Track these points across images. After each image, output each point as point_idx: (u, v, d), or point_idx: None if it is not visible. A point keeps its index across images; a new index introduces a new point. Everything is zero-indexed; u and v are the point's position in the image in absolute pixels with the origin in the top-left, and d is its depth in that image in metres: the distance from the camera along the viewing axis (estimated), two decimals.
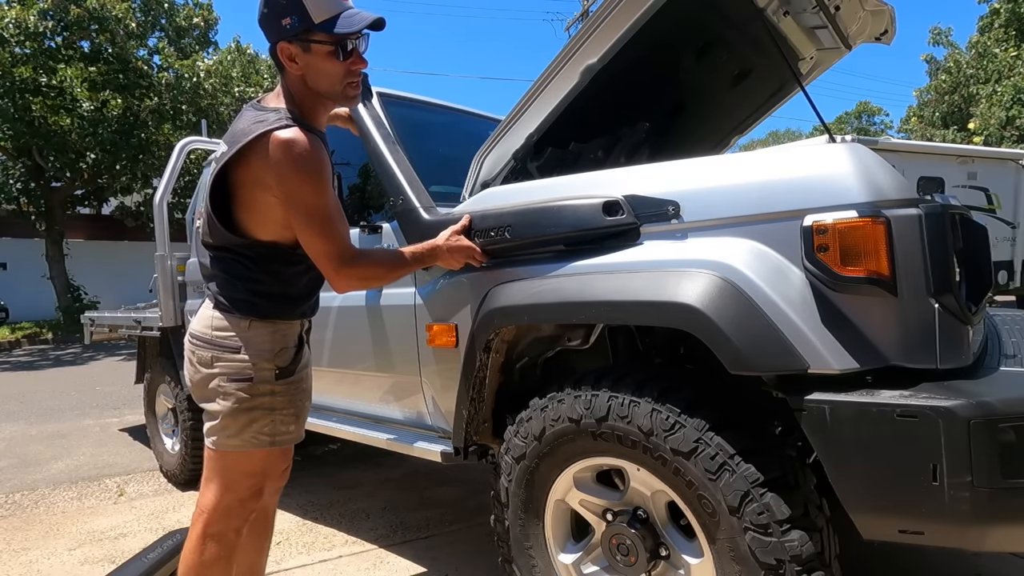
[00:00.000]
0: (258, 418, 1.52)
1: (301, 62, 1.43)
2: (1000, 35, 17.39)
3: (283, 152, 1.36)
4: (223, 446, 1.54)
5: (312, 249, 1.47)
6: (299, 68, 1.44)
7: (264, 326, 1.52)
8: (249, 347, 1.50)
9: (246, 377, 1.50)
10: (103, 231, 18.74)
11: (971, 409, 1.10)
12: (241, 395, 1.50)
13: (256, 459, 1.57)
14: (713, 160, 1.56)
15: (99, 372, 9.05)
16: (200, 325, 1.54)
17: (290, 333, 1.59)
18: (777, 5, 2.14)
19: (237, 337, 1.50)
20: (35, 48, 11.88)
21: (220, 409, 1.51)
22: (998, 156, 8.49)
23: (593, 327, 1.74)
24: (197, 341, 1.54)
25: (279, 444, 1.58)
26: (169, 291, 3.56)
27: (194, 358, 1.54)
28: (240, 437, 1.52)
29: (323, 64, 1.43)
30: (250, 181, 1.42)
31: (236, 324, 1.51)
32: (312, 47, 1.42)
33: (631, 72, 1.96)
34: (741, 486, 1.31)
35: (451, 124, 2.86)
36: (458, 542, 2.68)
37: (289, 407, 1.58)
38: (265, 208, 1.45)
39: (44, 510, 3.40)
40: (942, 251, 1.21)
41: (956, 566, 2.25)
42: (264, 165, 1.38)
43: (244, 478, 1.57)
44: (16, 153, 13.45)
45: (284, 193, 1.40)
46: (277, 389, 1.54)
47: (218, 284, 1.53)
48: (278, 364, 1.54)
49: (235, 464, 1.56)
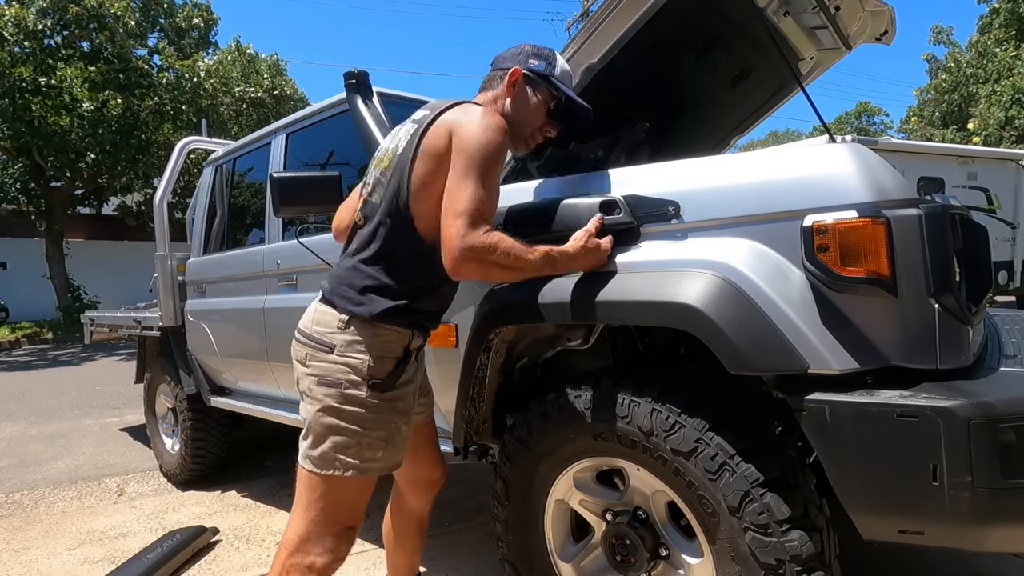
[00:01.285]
0: (341, 433, 1.35)
1: (518, 94, 1.55)
2: (1000, 35, 17.39)
3: (478, 117, 1.38)
4: (304, 459, 1.39)
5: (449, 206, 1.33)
6: (511, 95, 1.55)
7: (366, 328, 1.38)
8: (343, 348, 1.36)
9: (334, 382, 1.35)
10: (103, 231, 18.74)
11: (971, 409, 1.10)
12: (329, 403, 1.35)
13: (344, 489, 1.37)
14: (713, 160, 1.56)
15: (99, 372, 9.05)
16: (305, 319, 1.46)
17: (393, 343, 1.42)
18: (777, 5, 2.13)
19: (333, 335, 1.38)
20: (34, 47, 11.88)
21: (305, 415, 1.39)
22: (998, 156, 8.48)
23: (593, 327, 1.74)
24: (300, 336, 1.45)
25: (365, 473, 1.37)
26: (169, 291, 3.56)
27: (294, 355, 1.46)
28: (320, 456, 1.36)
29: (534, 107, 1.56)
30: (438, 140, 1.38)
31: (335, 320, 1.39)
32: (537, 92, 1.56)
33: (631, 72, 1.96)
34: (741, 486, 1.32)
35: None
36: (458, 542, 2.68)
37: (379, 428, 1.38)
38: (436, 176, 1.38)
39: (44, 510, 3.40)
40: (942, 251, 1.21)
41: (956, 566, 2.25)
42: (457, 121, 1.38)
43: (331, 512, 1.37)
44: (16, 153, 13.45)
45: (457, 147, 1.36)
46: (368, 404, 1.36)
47: (330, 277, 1.46)
48: (372, 375, 1.37)
49: (321, 494, 1.37)
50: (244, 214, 3.45)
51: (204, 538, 2.78)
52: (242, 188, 3.44)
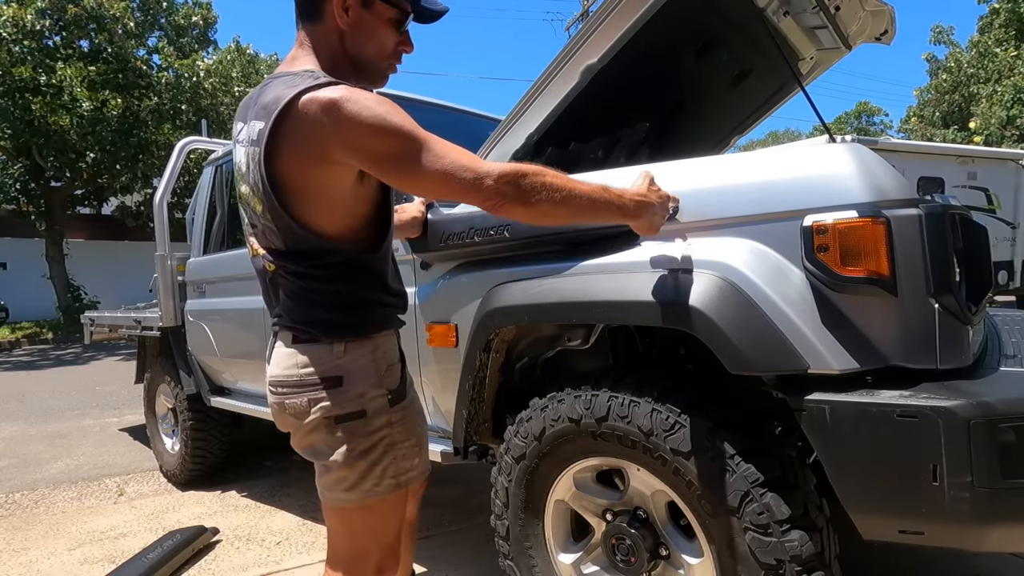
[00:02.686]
0: (378, 459, 1.23)
1: (353, 17, 1.19)
2: (1000, 35, 17.38)
3: (339, 110, 1.07)
4: (341, 501, 1.25)
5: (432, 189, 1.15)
6: (347, 23, 1.19)
7: (363, 345, 1.24)
8: (352, 376, 1.21)
9: (357, 413, 1.21)
10: (103, 231, 18.74)
11: (971, 409, 1.10)
12: (356, 436, 1.22)
13: (384, 510, 1.27)
14: (713, 160, 1.56)
15: (99, 372, 9.05)
16: (280, 369, 1.24)
17: (391, 347, 1.31)
18: (777, 5, 2.13)
19: (335, 368, 1.21)
20: (34, 47, 11.88)
21: (334, 460, 1.21)
22: (998, 156, 8.49)
23: (593, 327, 1.74)
24: (283, 388, 1.23)
25: (405, 484, 1.29)
26: (169, 291, 3.56)
27: (282, 411, 1.24)
28: (360, 488, 1.23)
29: (380, 28, 1.23)
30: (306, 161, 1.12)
31: (328, 353, 1.21)
32: (376, 5, 1.21)
33: (631, 72, 1.96)
34: (741, 486, 1.32)
35: (451, 124, 2.86)
36: (458, 542, 2.68)
37: (409, 437, 1.29)
38: (324, 189, 1.15)
39: (44, 510, 3.40)
40: (942, 251, 1.21)
41: (956, 566, 2.25)
42: (321, 135, 1.08)
43: (374, 537, 1.28)
44: (16, 153, 13.45)
45: (363, 157, 1.11)
46: (394, 418, 1.26)
47: (290, 312, 1.23)
48: (388, 387, 1.26)
49: (360, 522, 1.27)
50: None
51: (204, 538, 2.78)
52: None
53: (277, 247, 1.20)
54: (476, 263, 1.87)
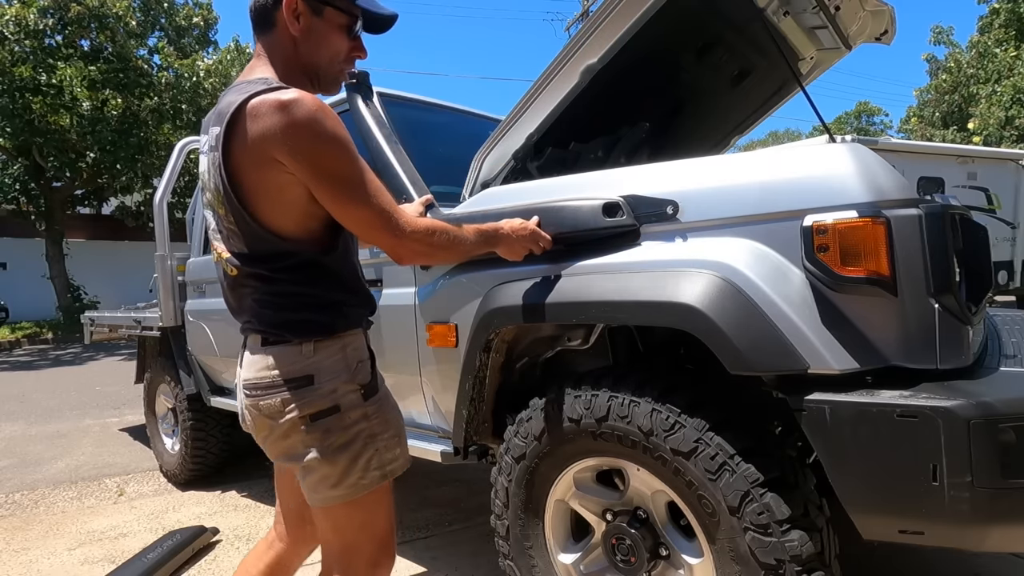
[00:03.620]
0: (360, 452, 1.25)
1: (304, 24, 1.23)
2: (1000, 35, 17.38)
3: (285, 114, 1.11)
4: (328, 500, 1.26)
5: (356, 220, 1.20)
6: (299, 30, 1.23)
7: (332, 344, 1.26)
8: (323, 374, 1.23)
9: (331, 409, 1.23)
10: (103, 231, 18.74)
11: (971, 409, 1.10)
12: (332, 432, 1.23)
13: (370, 504, 1.29)
14: (713, 160, 1.56)
15: (99, 372, 9.05)
16: (253, 371, 1.25)
17: (360, 344, 1.33)
18: (777, 5, 2.14)
19: (305, 367, 1.23)
20: (35, 46, 11.88)
21: (313, 459, 1.23)
22: (998, 156, 8.49)
23: (593, 327, 1.74)
24: (256, 391, 1.24)
25: (390, 475, 1.31)
26: (169, 291, 3.56)
27: (258, 412, 1.25)
28: (345, 483, 1.24)
29: (330, 35, 1.26)
30: (255, 161, 1.15)
31: (298, 353, 1.23)
32: (325, 12, 1.24)
33: (631, 72, 1.96)
34: (741, 486, 1.32)
35: (451, 124, 2.86)
36: (458, 542, 2.68)
37: (388, 428, 1.31)
38: (277, 192, 1.17)
39: (44, 510, 3.40)
40: (942, 251, 1.21)
41: (956, 566, 2.25)
42: (267, 137, 1.12)
43: (364, 531, 1.29)
44: (16, 153, 13.45)
45: (302, 164, 1.13)
46: (370, 411, 1.27)
47: (258, 316, 1.25)
48: (360, 382, 1.28)
49: (348, 519, 1.28)
50: None
51: (204, 538, 2.78)
52: None
53: (240, 250, 1.23)
54: (476, 263, 1.87)
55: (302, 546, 1.52)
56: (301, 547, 1.52)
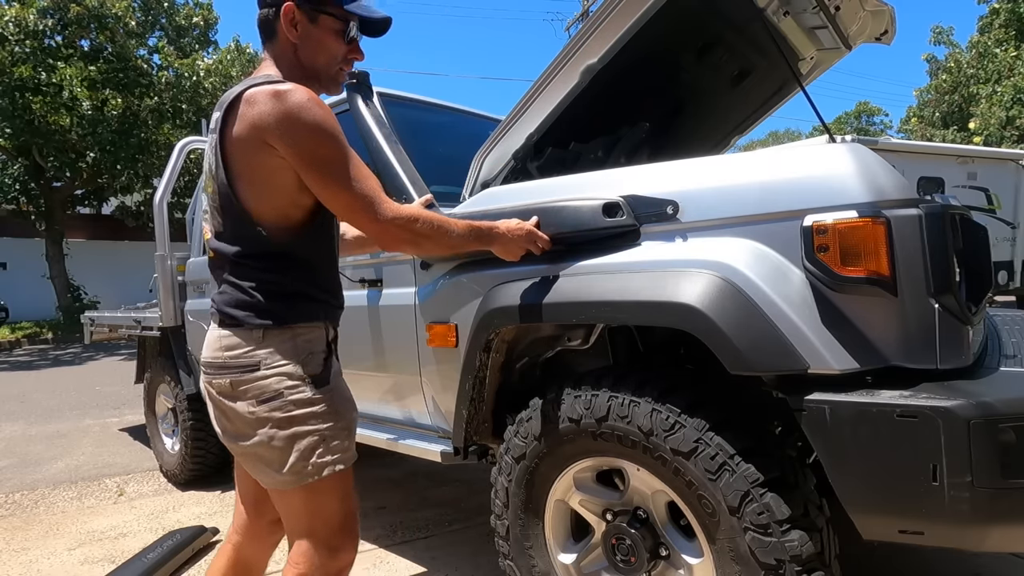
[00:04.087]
0: (301, 440, 1.28)
1: (301, 31, 1.32)
2: (1000, 35, 17.37)
3: (279, 101, 1.20)
4: (276, 484, 1.31)
5: (341, 205, 1.27)
6: (296, 37, 1.32)
7: (282, 333, 1.30)
8: (268, 360, 1.28)
9: (274, 395, 1.27)
10: (103, 231, 18.74)
11: (971, 409, 1.10)
12: (278, 416, 1.27)
13: (323, 490, 1.31)
14: (713, 160, 1.56)
15: (99, 372, 9.05)
16: (209, 351, 1.32)
17: (315, 337, 1.35)
18: (777, 5, 2.14)
19: (252, 353, 1.28)
20: (35, 47, 11.88)
21: (256, 442, 1.28)
22: (998, 156, 8.49)
23: (593, 327, 1.74)
24: (210, 370, 1.31)
25: (338, 464, 1.32)
26: (169, 291, 3.56)
27: (213, 390, 1.31)
28: (289, 470, 1.28)
29: (326, 39, 1.35)
30: (246, 145, 1.23)
31: (248, 337, 1.28)
32: (320, 19, 1.32)
33: (631, 72, 1.96)
34: (741, 486, 1.32)
35: (451, 124, 2.86)
36: (458, 542, 2.68)
37: (336, 419, 1.33)
38: (266, 175, 1.25)
39: (44, 510, 3.40)
40: (942, 251, 1.21)
41: (956, 566, 2.25)
42: (260, 121, 1.21)
43: (317, 518, 1.32)
44: (16, 153, 13.45)
45: (292, 148, 1.21)
46: (316, 400, 1.30)
47: (220, 297, 1.32)
48: (309, 372, 1.31)
49: (301, 505, 1.32)
50: None
51: (204, 538, 2.77)
52: None
53: (217, 229, 1.32)
54: (476, 263, 1.88)
55: (263, 540, 1.54)
56: (263, 541, 1.54)
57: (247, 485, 1.50)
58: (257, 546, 1.53)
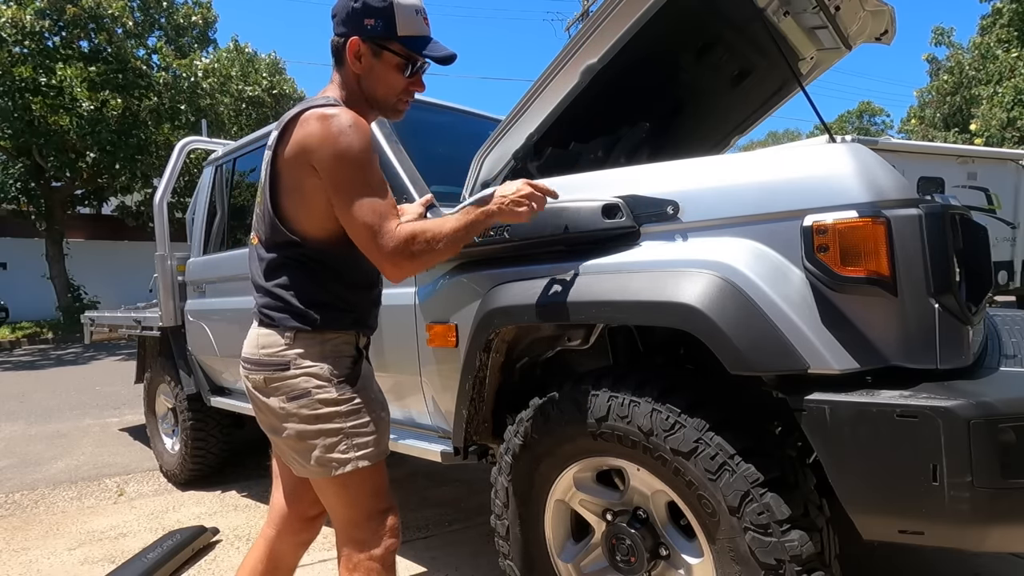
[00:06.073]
0: (329, 436, 1.37)
1: (366, 64, 1.41)
2: (1003, 35, 17.34)
3: (323, 125, 1.29)
4: (309, 474, 1.41)
5: (351, 232, 1.34)
6: (361, 68, 1.41)
7: (311, 337, 1.39)
8: (298, 361, 1.37)
9: (303, 393, 1.36)
10: (103, 231, 18.73)
11: (971, 409, 1.10)
12: (306, 412, 1.36)
13: (355, 483, 1.39)
14: (713, 160, 1.56)
15: (99, 372, 9.05)
16: (248, 347, 1.43)
17: (344, 343, 1.44)
18: (777, 5, 2.13)
19: (283, 352, 1.37)
20: (34, 48, 11.87)
21: (287, 436, 1.39)
22: (998, 156, 8.49)
23: (593, 327, 1.74)
24: (248, 364, 1.43)
25: (369, 460, 1.39)
26: (169, 291, 3.56)
27: (250, 384, 1.43)
28: (319, 462, 1.37)
29: (388, 73, 1.43)
30: (294, 162, 1.33)
31: (281, 338, 1.38)
32: (384, 54, 1.41)
33: (631, 72, 1.96)
34: (741, 486, 1.32)
35: (451, 124, 2.86)
36: (458, 542, 2.68)
37: (359, 416, 1.40)
38: (310, 193, 1.34)
39: (44, 510, 3.40)
40: (942, 251, 1.21)
41: (956, 566, 2.25)
42: (306, 142, 1.31)
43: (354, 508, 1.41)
44: (16, 153, 13.45)
45: (322, 171, 1.31)
46: (341, 400, 1.38)
47: (260, 298, 1.43)
48: (336, 373, 1.39)
49: (337, 496, 1.41)
50: (244, 214, 3.44)
51: (204, 538, 2.78)
52: (242, 188, 3.44)
53: (261, 236, 1.43)
54: (476, 263, 1.88)
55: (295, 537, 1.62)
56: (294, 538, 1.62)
57: (284, 475, 1.62)
58: (288, 541, 1.61)
